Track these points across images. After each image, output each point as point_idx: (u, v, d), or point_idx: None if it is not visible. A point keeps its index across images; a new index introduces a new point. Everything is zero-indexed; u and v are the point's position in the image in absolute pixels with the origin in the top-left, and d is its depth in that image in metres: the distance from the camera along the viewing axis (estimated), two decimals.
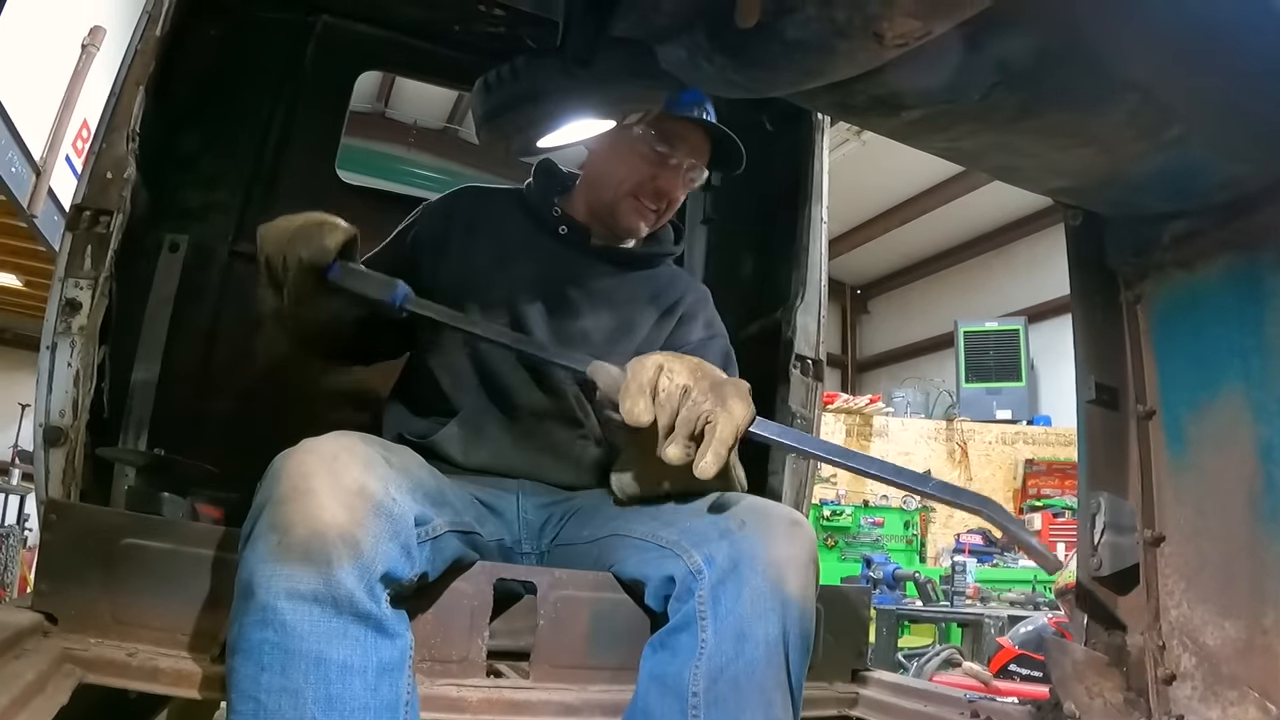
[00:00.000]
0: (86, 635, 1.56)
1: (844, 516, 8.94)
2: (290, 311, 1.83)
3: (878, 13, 1.15)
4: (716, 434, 1.44)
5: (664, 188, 2.11)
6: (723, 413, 1.45)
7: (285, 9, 2.93)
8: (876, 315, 14.04)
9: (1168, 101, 1.51)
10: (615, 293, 2.15)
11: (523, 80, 1.36)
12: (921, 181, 10.50)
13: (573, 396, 2.04)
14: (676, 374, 1.48)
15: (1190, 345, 1.86)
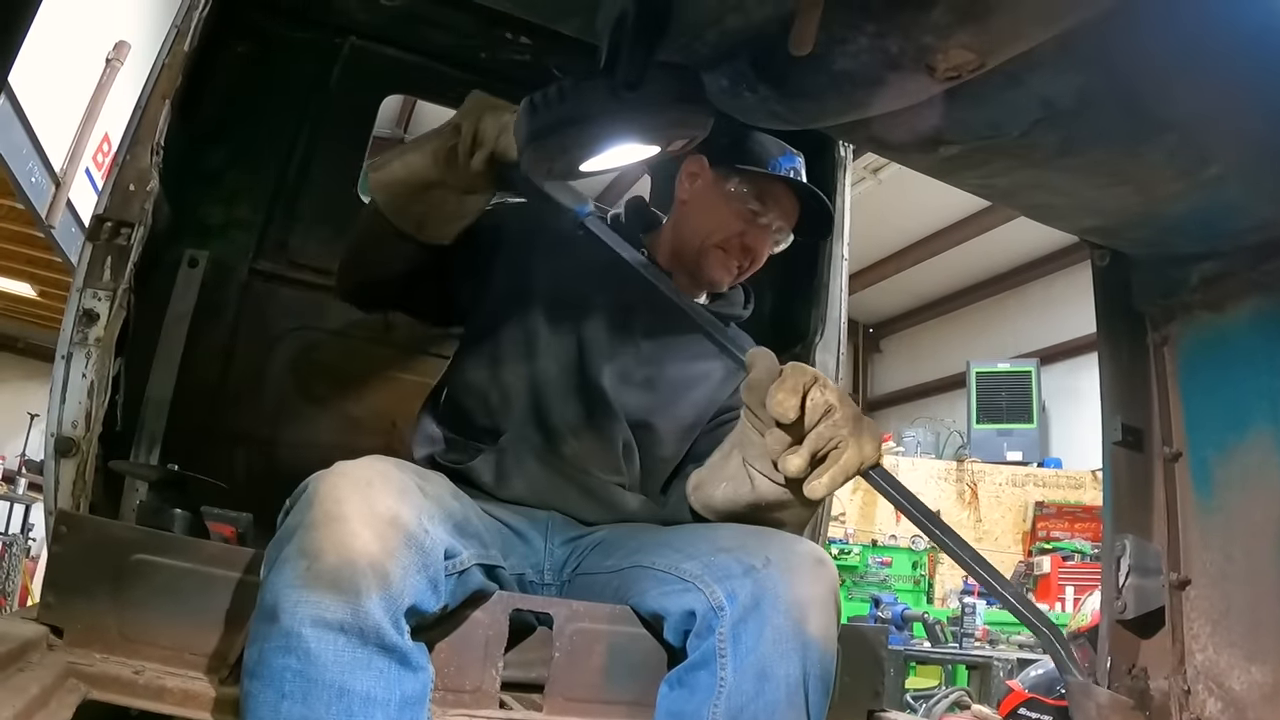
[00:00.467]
0: (92, 650, 1.52)
1: (852, 555, 8.89)
2: (445, 184, 1.80)
3: (932, 44, 1.14)
4: (841, 461, 1.45)
5: (751, 245, 2.11)
6: (854, 443, 1.45)
7: (313, 29, 2.94)
8: (889, 354, 14.03)
9: (1206, 141, 1.50)
10: (687, 346, 2.12)
11: (569, 102, 1.34)
12: (936, 222, 10.50)
13: (622, 444, 2.00)
14: (828, 391, 1.48)
15: (1218, 387, 1.85)
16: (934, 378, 12.38)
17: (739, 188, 2.08)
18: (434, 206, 1.86)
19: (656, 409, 2.04)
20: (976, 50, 1.14)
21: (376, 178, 1.85)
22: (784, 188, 2.11)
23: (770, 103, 1.38)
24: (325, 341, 2.85)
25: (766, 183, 2.09)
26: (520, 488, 1.91)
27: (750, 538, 1.60)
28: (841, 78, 1.25)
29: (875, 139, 1.55)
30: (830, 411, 1.46)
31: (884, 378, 13.98)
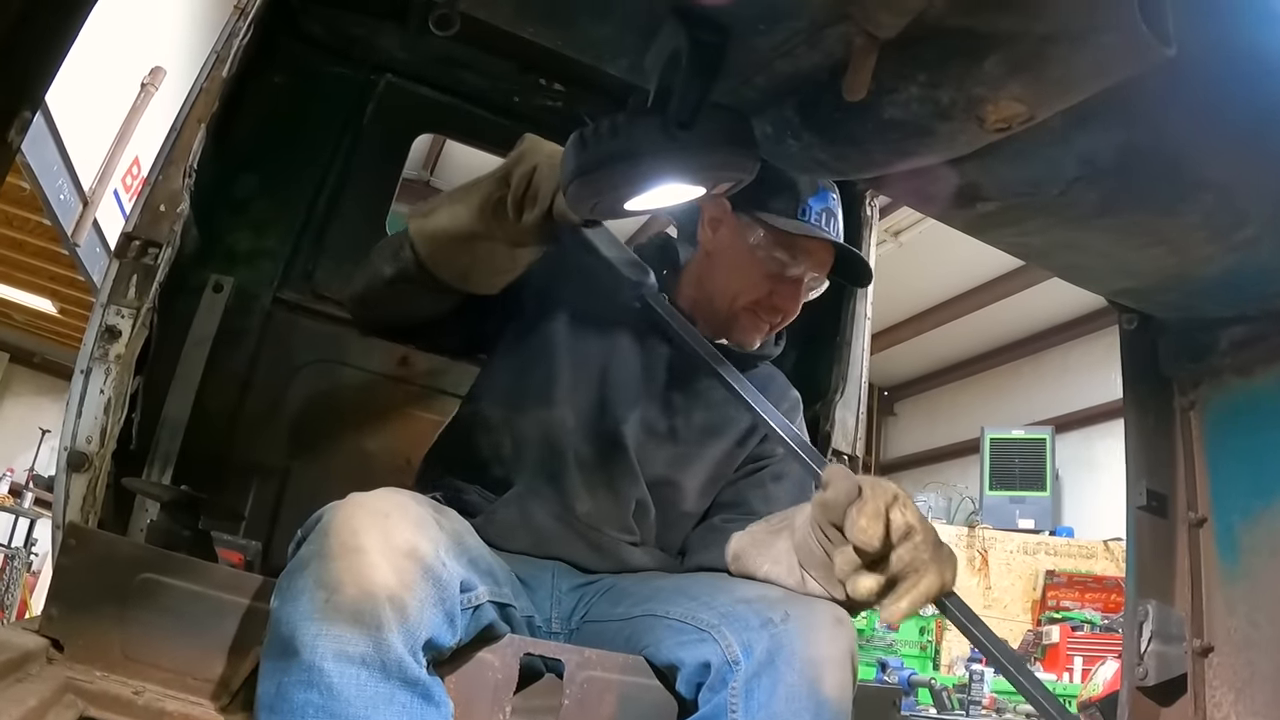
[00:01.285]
0: (93, 667, 1.49)
1: (859, 618, 8.77)
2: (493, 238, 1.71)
3: (983, 95, 1.15)
4: (920, 586, 1.39)
5: (781, 304, 1.99)
6: (935, 568, 1.40)
7: (350, 65, 2.97)
8: (903, 418, 13.98)
9: (1243, 203, 1.51)
10: (710, 391, 1.99)
11: (621, 137, 1.33)
12: (954, 286, 10.52)
13: (634, 501, 1.93)
14: (909, 512, 1.42)
15: (1245, 452, 1.84)
16: (948, 442, 12.33)
17: (765, 240, 1.94)
18: (481, 260, 1.78)
19: (679, 463, 1.98)
20: (1028, 102, 1.14)
21: (418, 226, 1.77)
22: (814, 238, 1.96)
23: (814, 150, 1.39)
24: (344, 375, 2.82)
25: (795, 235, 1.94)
26: (526, 542, 1.85)
27: (770, 591, 1.56)
28: (888, 127, 1.26)
29: (914, 193, 1.56)
30: (911, 534, 1.40)
31: (898, 441, 13.93)
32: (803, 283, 1.97)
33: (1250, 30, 1.18)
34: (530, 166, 1.63)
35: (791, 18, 1.18)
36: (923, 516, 1.43)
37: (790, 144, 1.40)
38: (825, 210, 1.95)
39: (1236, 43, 1.23)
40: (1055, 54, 1.06)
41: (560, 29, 1.33)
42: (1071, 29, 1.04)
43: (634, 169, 1.33)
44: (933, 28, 1.11)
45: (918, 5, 1.04)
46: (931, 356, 12.56)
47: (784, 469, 2.02)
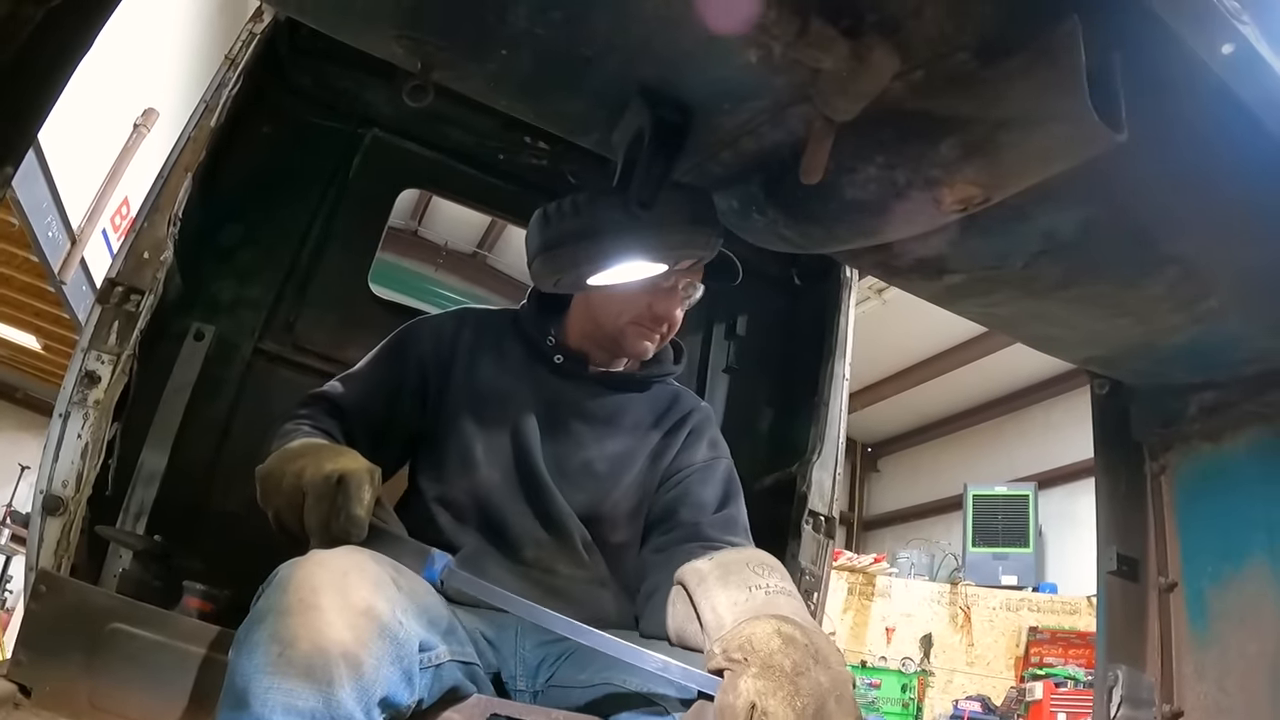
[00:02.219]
0: (59, 714, 1.48)
1: None
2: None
3: (939, 177, 1.18)
4: None
5: (661, 313, 2.00)
6: None
7: (338, 118, 2.98)
8: (886, 474, 13.95)
9: (1206, 274, 1.53)
10: (618, 418, 2.06)
11: (583, 216, 1.36)
12: (938, 344, 10.56)
13: (578, 536, 1.94)
14: (774, 704, 1.29)
15: (1215, 517, 1.86)
16: (931, 499, 12.29)
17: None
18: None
19: (601, 496, 1.99)
20: (983, 185, 1.17)
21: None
22: None
23: (779, 226, 1.42)
24: None
25: None
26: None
27: None
28: (850, 205, 1.29)
29: (881, 265, 1.59)
30: None
31: (881, 497, 13.89)
32: (678, 290, 1.99)
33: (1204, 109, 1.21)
34: (274, 510, 1.63)
35: (755, 98, 1.22)
36: (791, 695, 1.30)
37: (756, 219, 1.44)
38: None
39: (1192, 122, 1.26)
40: (1008, 139, 1.10)
41: (532, 103, 1.36)
42: (1024, 116, 1.07)
43: (595, 247, 1.36)
44: (891, 111, 1.15)
45: (872, 90, 1.07)
46: (915, 413, 12.56)
47: (707, 473, 2.03)
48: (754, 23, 1.02)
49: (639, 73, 1.21)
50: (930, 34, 1.07)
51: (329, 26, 1.28)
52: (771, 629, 1.38)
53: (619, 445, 2.03)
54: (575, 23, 1.14)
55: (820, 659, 1.36)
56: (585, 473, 1.99)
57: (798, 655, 1.35)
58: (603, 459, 2.01)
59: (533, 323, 2.10)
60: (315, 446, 1.68)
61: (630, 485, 2.01)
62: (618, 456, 2.02)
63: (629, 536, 2.01)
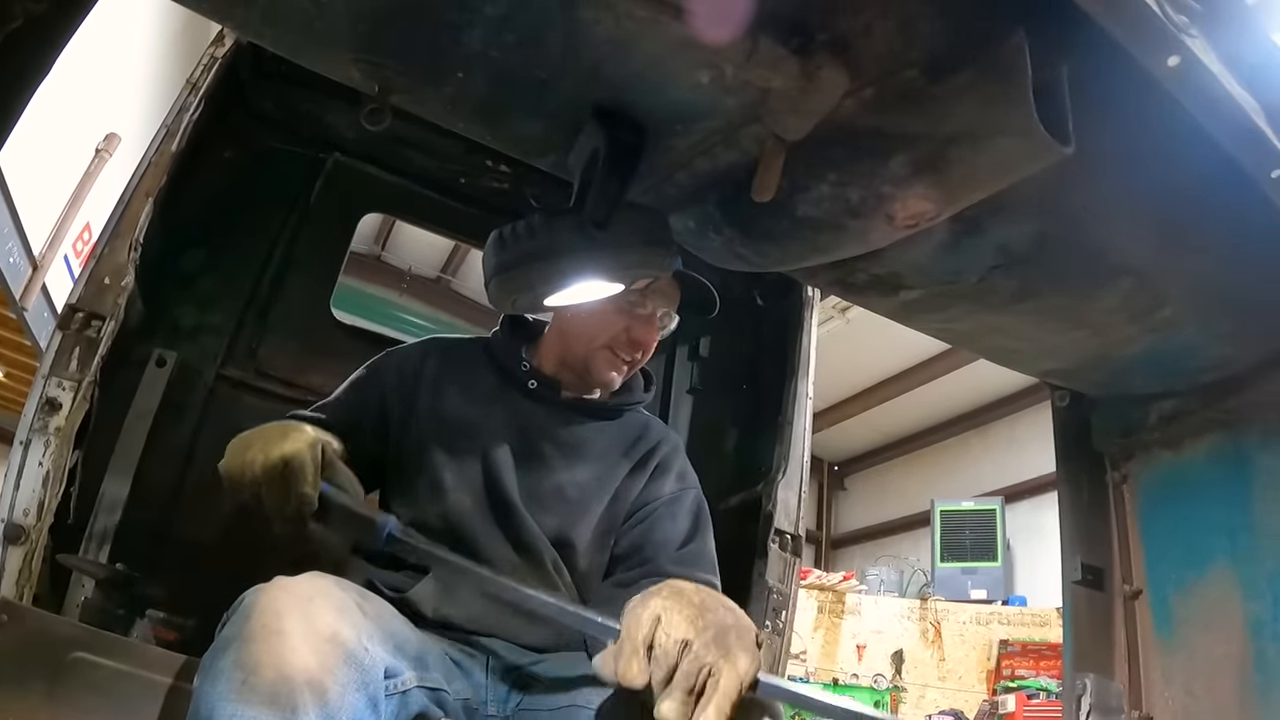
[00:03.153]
0: None
1: None
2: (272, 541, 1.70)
3: (890, 194, 1.20)
4: (719, 687, 1.28)
5: (638, 339, 2.03)
6: (726, 664, 1.30)
7: (299, 142, 2.98)
8: (853, 492, 13.98)
9: (1160, 285, 1.56)
10: (588, 445, 2.06)
11: (539, 238, 1.37)
12: (902, 361, 10.63)
13: (549, 560, 1.94)
14: (675, 627, 1.33)
15: (1177, 524, 1.88)
16: (898, 516, 12.33)
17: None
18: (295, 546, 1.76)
19: (569, 522, 1.99)
20: (933, 200, 1.19)
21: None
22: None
23: (735, 245, 1.43)
24: None
25: None
26: (458, 614, 1.83)
27: None
28: (804, 223, 1.30)
29: (838, 283, 1.60)
30: (688, 645, 1.31)
31: (848, 515, 13.92)
32: (655, 318, 2.03)
33: (1153, 122, 1.23)
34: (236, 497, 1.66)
35: (707, 118, 1.23)
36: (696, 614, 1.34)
37: (712, 238, 1.45)
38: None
39: (1141, 134, 1.29)
40: (958, 155, 1.11)
41: (489, 125, 1.36)
42: (973, 131, 1.09)
43: (550, 268, 1.36)
44: (842, 128, 1.16)
45: (822, 109, 1.08)
46: (881, 431, 12.62)
47: (675, 506, 2.03)
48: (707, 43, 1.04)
49: (593, 95, 1.22)
50: (879, 52, 1.08)
51: (288, 50, 1.28)
52: (691, 586, 1.40)
53: (588, 472, 2.03)
54: (529, 46, 1.14)
55: (730, 610, 1.37)
56: (556, 497, 1.98)
57: (709, 599, 1.37)
58: (573, 485, 2.01)
59: (506, 347, 2.11)
60: (263, 432, 1.70)
61: (599, 512, 2.01)
62: (587, 483, 2.02)
63: (595, 563, 2.01)
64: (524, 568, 1.92)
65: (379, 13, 1.14)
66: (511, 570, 1.89)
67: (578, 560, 1.98)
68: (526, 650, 1.86)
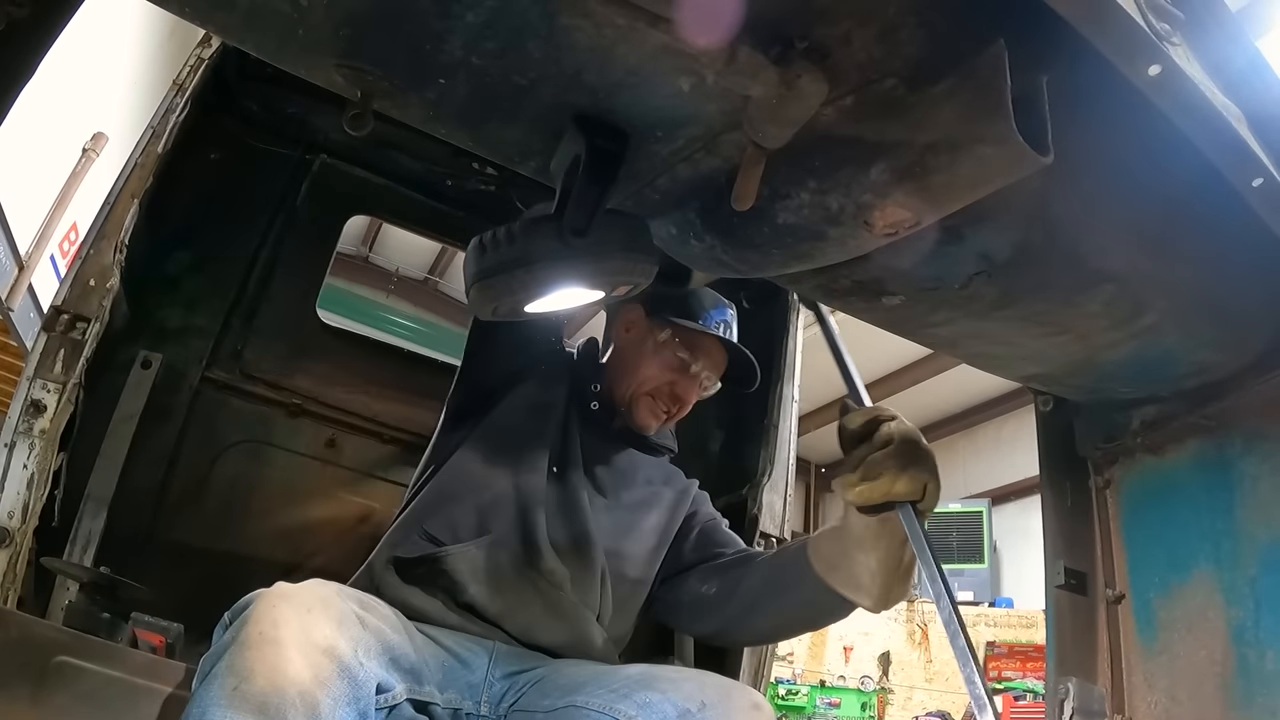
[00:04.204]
0: None
1: (800, 696, 8.71)
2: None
3: (869, 202, 1.20)
4: (878, 483, 1.59)
5: (680, 394, 2.20)
6: (890, 476, 1.58)
7: (286, 144, 2.99)
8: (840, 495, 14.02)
9: (1142, 291, 1.56)
10: (635, 471, 2.21)
11: (518, 244, 1.37)
12: (889, 363, 10.67)
13: (599, 567, 1.99)
14: (896, 428, 1.64)
15: (1160, 529, 1.88)
16: None
17: (672, 339, 2.20)
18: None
19: (623, 530, 2.07)
20: (912, 209, 1.19)
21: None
22: (714, 341, 2.23)
23: (716, 251, 1.44)
24: (271, 456, 2.80)
25: (698, 336, 2.21)
26: (484, 593, 1.85)
27: (687, 681, 1.57)
28: (784, 230, 1.31)
29: (820, 289, 1.61)
30: (889, 443, 1.60)
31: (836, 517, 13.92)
32: (699, 379, 2.21)
33: (1134, 130, 1.24)
34: None
35: (688, 125, 1.23)
36: (912, 436, 1.64)
37: (694, 245, 1.45)
38: (724, 322, 2.26)
39: (1122, 142, 1.29)
40: (936, 164, 1.11)
41: (470, 131, 1.36)
42: (952, 140, 1.09)
43: (530, 275, 1.36)
44: (822, 137, 1.16)
45: (801, 117, 1.08)
46: None
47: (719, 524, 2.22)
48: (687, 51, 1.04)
49: (574, 101, 1.22)
50: (859, 60, 1.08)
51: (270, 55, 1.28)
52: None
53: (638, 494, 2.16)
54: (510, 53, 1.14)
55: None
56: (612, 509, 2.09)
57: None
58: (626, 503, 2.13)
59: (583, 367, 2.29)
60: None
61: (650, 529, 2.12)
62: (638, 503, 2.15)
63: (642, 575, 2.09)
64: (571, 564, 1.96)
65: (360, 19, 1.14)
66: (560, 560, 1.95)
67: (626, 570, 2.06)
68: (533, 651, 1.87)
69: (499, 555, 1.90)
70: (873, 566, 1.72)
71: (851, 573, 1.75)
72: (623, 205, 1.46)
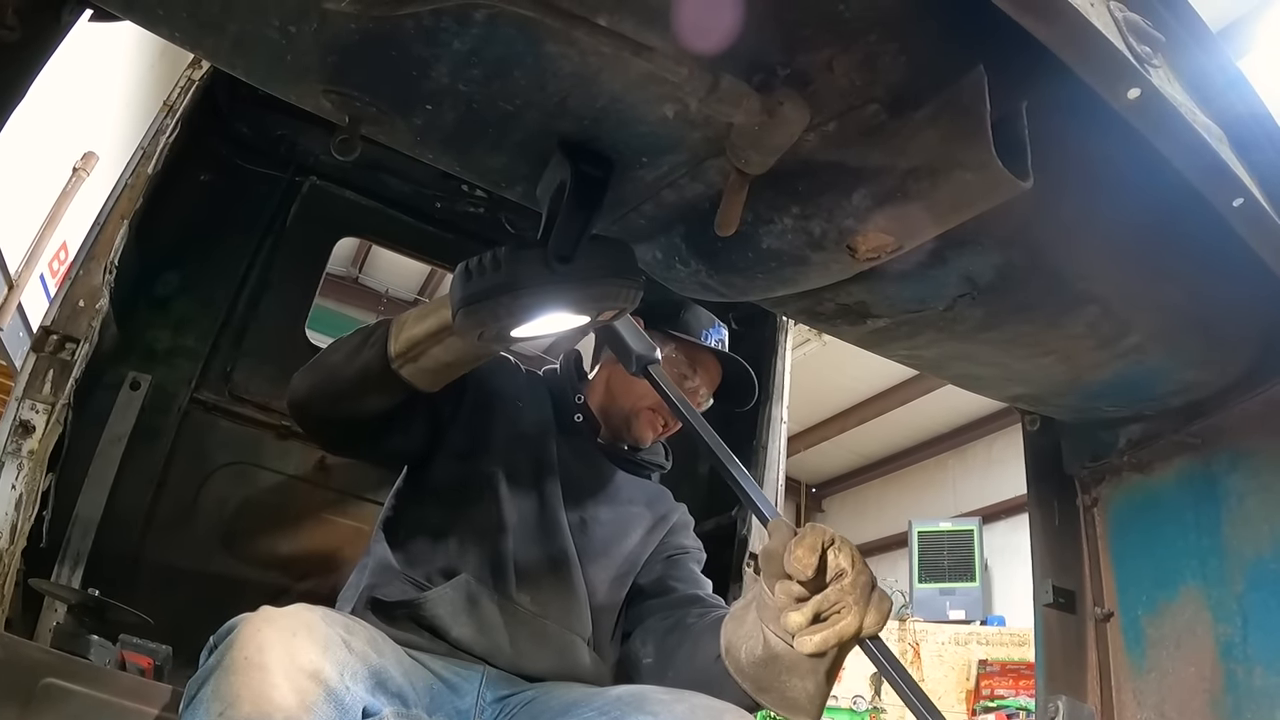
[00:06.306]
0: None
1: None
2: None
3: (851, 227, 1.21)
4: (839, 626, 1.38)
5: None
6: (857, 611, 1.39)
7: (275, 166, 2.98)
8: (831, 514, 13.97)
9: (1126, 312, 1.57)
10: (616, 491, 2.17)
11: (503, 271, 1.37)
12: (879, 383, 10.65)
13: (577, 591, 1.97)
14: (843, 555, 1.42)
15: (1148, 547, 1.89)
16: (876, 537, 12.32)
17: (672, 353, 2.21)
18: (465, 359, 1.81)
19: (591, 557, 2.04)
20: (894, 233, 1.20)
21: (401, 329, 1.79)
22: (711, 357, 2.24)
23: (701, 276, 1.45)
24: (260, 478, 2.79)
25: (696, 351, 2.22)
26: (469, 631, 1.83)
27: (678, 703, 1.56)
28: (767, 255, 1.32)
29: (806, 312, 1.62)
30: (841, 575, 1.40)
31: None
32: (697, 394, 2.21)
33: (1114, 152, 1.25)
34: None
35: (672, 151, 1.24)
36: (859, 560, 1.44)
37: (679, 269, 1.46)
38: (720, 340, 2.27)
39: (1103, 165, 1.30)
40: (917, 189, 1.12)
41: (456, 156, 1.37)
42: (932, 165, 1.10)
43: (515, 301, 1.36)
44: (804, 162, 1.18)
45: (784, 143, 1.09)
46: (858, 452, 12.62)
47: (697, 558, 2.16)
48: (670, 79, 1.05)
49: (559, 127, 1.23)
50: (841, 87, 1.09)
51: (259, 80, 1.28)
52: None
53: (616, 513, 2.11)
54: (495, 79, 1.15)
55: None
56: (590, 525, 2.06)
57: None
58: (605, 521, 2.09)
59: (565, 381, 2.25)
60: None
61: (624, 552, 2.08)
62: (616, 522, 2.10)
63: (610, 600, 2.04)
64: (550, 591, 1.95)
65: (347, 46, 1.15)
66: (537, 590, 1.94)
67: (598, 592, 2.02)
68: (520, 680, 1.86)
69: (477, 593, 1.87)
70: (810, 690, 1.57)
71: (785, 695, 1.61)
72: (608, 230, 1.47)
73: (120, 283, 2.28)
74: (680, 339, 2.21)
